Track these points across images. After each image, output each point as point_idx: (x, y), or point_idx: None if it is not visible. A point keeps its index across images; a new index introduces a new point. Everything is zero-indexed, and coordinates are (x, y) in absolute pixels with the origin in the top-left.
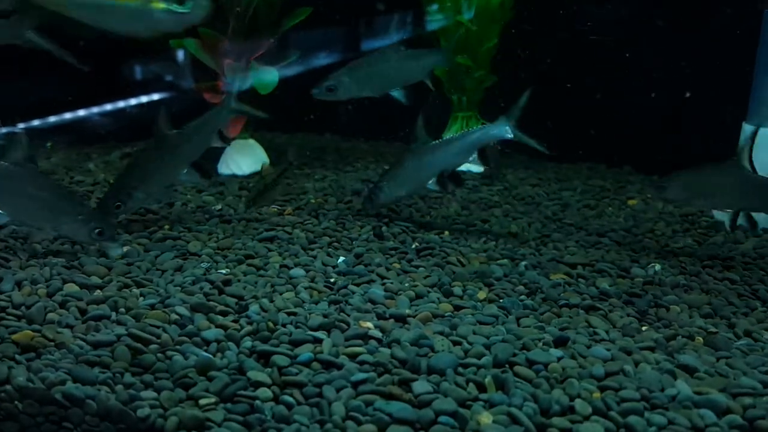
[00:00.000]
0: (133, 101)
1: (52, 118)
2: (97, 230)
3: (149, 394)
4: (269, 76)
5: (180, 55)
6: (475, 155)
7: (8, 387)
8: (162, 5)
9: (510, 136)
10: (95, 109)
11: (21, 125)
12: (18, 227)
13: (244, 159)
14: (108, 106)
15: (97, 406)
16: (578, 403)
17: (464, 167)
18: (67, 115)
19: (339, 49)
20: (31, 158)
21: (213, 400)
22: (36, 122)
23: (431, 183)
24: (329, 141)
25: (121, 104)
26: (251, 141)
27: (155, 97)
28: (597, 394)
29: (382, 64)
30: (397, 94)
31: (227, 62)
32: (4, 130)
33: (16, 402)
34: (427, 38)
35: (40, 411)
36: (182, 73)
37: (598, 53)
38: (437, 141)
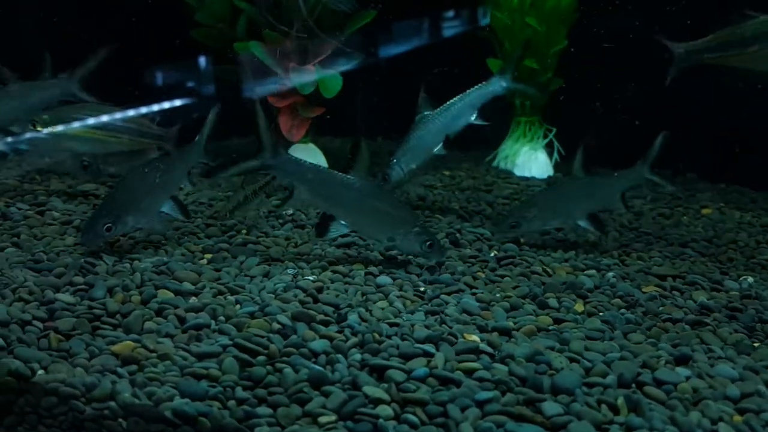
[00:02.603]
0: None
1: None
2: (428, 243)
3: (265, 410)
4: (333, 79)
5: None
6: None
7: (112, 403)
8: None
9: (504, 87)
10: None
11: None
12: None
13: None
14: None
15: (211, 424)
16: (722, 428)
17: (531, 173)
18: None
19: (390, 48)
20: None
21: (333, 417)
22: None
23: (438, 149)
24: (382, 145)
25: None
26: (311, 145)
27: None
28: (738, 418)
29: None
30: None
31: (291, 65)
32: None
33: (120, 420)
34: (486, 38)
35: (146, 429)
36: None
37: (662, 58)
38: (437, 110)
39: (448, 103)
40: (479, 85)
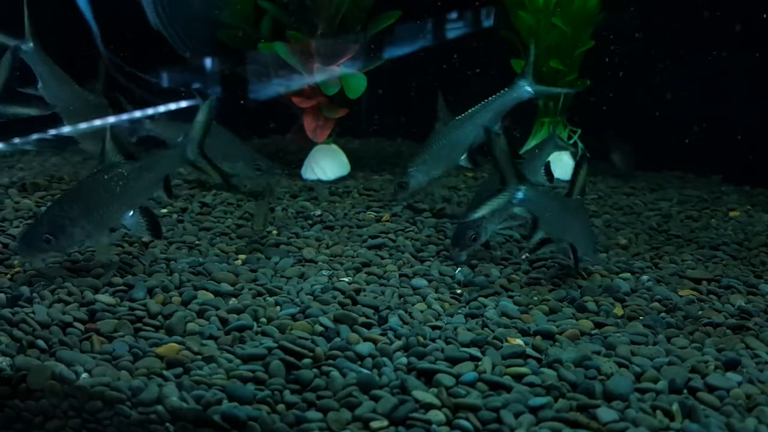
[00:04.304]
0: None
1: None
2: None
3: (315, 414)
4: (357, 80)
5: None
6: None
7: (159, 407)
8: None
9: (530, 93)
10: None
11: None
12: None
13: (328, 164)
14: None
15: (261, 429)
16: None
17: (556, 174)
18: None
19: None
20: None
21: (385, 423)
22: None
23: (462, 159)
24: (402, 146)
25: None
26: (334, 146)
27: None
28: None
29: None
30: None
31: (316, 65)
32: None
33: (167, 424)
34: (509, 38)
35: None
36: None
37: (687, 60)
38: (459, 116)
39: (469, 111)
40: (502, 91)
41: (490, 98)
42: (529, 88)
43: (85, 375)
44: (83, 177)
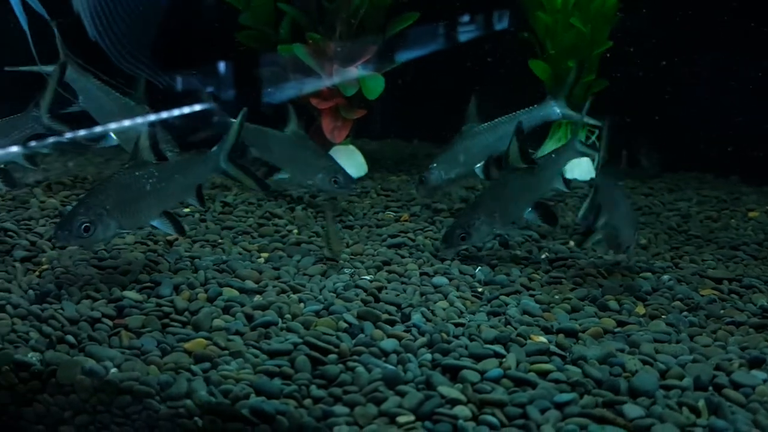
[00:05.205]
0: None
1: None
2: None
3: (342, 409)
4: (376, 81)
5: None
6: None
7: (188, 402)
8: None
9: (559, 115)
10: None
11: None
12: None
13: (346, 164)
14: None
15: (289, 423)
16: None
17: (573, 175)
18: None
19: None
20: None
21: (411, 418)
22: None
23: (478, 168)
24: (419, 147)
25: None
26: (351, 147)
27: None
28: None
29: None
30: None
31: (335, 67)
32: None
33: (195, 418)
34: (527, 40)
35: (222, 428)
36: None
37: (704, 60)
38: (485, 124)
39: (495, 120)
40: (530, 107)
41: (517, 112)
42: (558, 110)
43: (114, 370)
44: (118, 172)
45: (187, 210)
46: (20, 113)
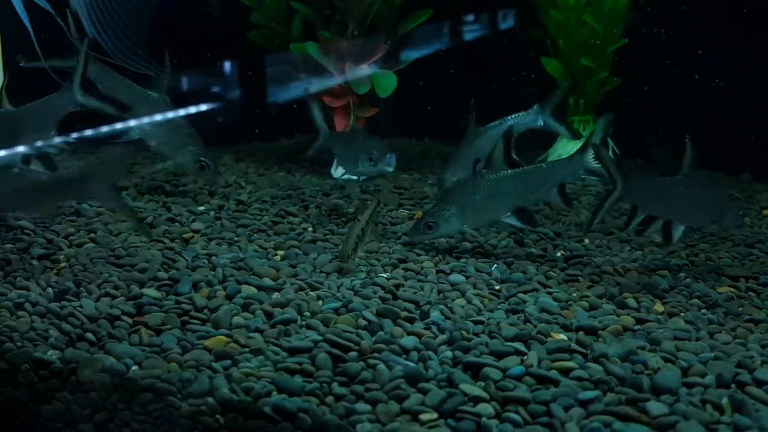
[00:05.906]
0: None
1: None
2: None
3: (364, 407)
4: (388, 78)
5: None
6: None
7: (209, 399)
8: None
9: (540, 124)
10: None
11: None
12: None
13: None
14: None
15: (311, 421)
16: None
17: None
18: None
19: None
20: None
21: (434, 415)
22: None
23: None
24: (430, 145)
25: None
26: None
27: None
28: None
29: None
30: None
31: (347, 65)
32: None
33: (217, 416)
34: (538, 38)
35: (244, 426)
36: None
37: (715, 58)
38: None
39: (486, 126)
40: (518, 113)
41: (506, 117)
42: (540, 120)
43: (135, 367)
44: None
45: (201, 208)
46: (52, 94)
